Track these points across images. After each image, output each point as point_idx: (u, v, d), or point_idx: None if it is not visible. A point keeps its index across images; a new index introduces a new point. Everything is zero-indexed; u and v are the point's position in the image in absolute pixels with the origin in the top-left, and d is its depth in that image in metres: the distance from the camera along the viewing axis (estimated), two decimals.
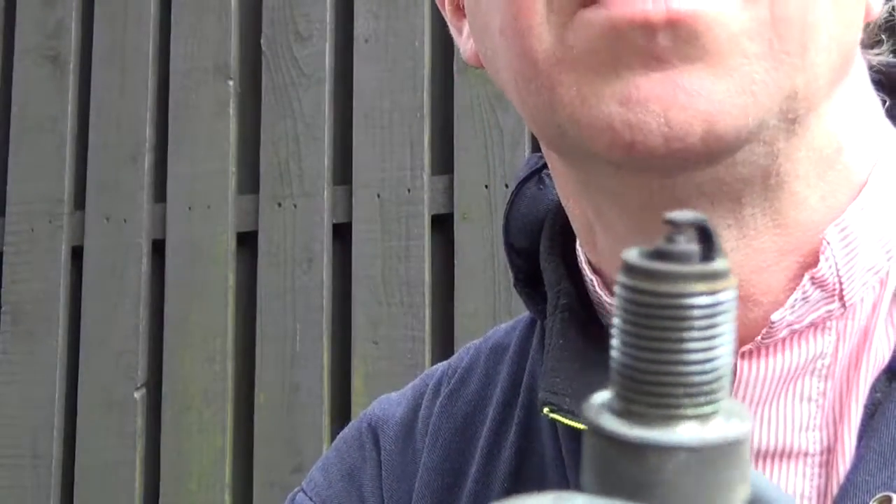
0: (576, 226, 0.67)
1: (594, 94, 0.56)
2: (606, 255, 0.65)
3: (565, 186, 0.66)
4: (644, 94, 0.55)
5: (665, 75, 0.55)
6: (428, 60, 2.18)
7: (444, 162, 2.16)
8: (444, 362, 0.80)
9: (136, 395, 2.24)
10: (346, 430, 0.81)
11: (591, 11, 0.56)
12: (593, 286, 0.66)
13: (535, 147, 2.18)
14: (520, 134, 2.11)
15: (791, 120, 0.58)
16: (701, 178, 0.58)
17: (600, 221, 0.64)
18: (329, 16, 2.24)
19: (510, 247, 0.72)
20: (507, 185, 2.09)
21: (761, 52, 0.56)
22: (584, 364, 0.64)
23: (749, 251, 0.61)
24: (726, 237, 0.60)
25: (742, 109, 0.55)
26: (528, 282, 0.71)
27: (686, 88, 0.55)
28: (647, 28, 0.55)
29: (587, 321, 0.66)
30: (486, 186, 2.10)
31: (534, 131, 0.63)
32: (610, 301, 0.65)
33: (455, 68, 2.15)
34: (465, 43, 0.69)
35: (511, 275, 0.73)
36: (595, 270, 0.66)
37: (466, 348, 0.80)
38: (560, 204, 0.71)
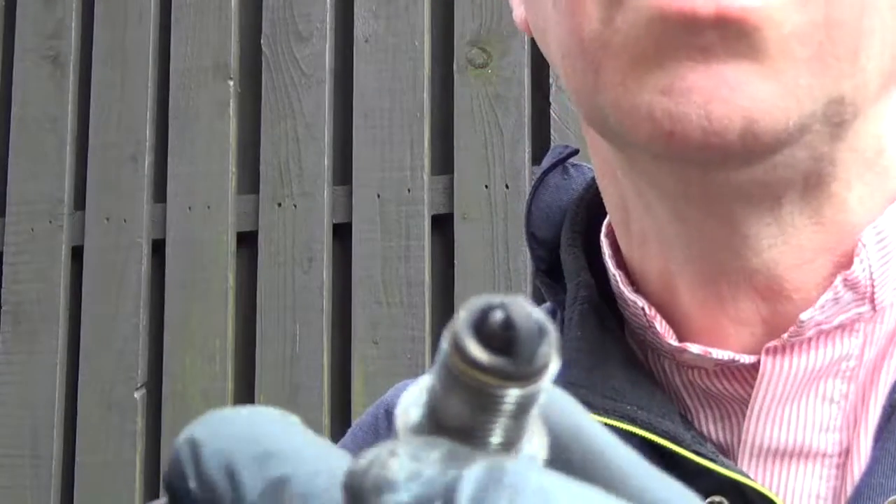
0: (609, 206, 0.66)
1: (637, 81, 0.56)
2: (638, 238, 0.65)
3: (603, 165, 0.65)
4: (688, 84, 0.54)
5: (710, 67, 0.54)
6: (428, 60, 2.18)
7: (444, 162, 2.16)
8: None
9: (136, 395, 2.24)
10: (363, 415, 0.81)
11: (634, 2, 0.55)
12: (616, 281, 0.65)
13: (535, 147, 2.18)
14: (520, 134, 2.11)
15: (836, 124, 0.57)
16: (739, 178, 0.58)
17: (640, 201, 0.63)
18: (329, 16, 2.24)
19: (532, 236, 0.70)
20: (507, 186, 2.10)
21: (810, 56, 0.55)
22: (602, 356, 0.64)
23: (786, 248, 0.60)
24: (765, 234, 0.60)
25: (784, 112, 0.55)
26: (549, 272, 0.70)
27: (730, 82, 0.54)
28: (695, 23, 0.54)
29: (606, 314, 0.66)
30: (486, 186, 2.10)
31: (576, 109, 0.62)
32: (633, 298, 0.64)
33: (455, 68, 2.15)
34: (517, 6, 0.68)
35: (532, 266, 0.72)
36: (618, 265, 0.66)
37: None
38: (582, 196, 0.70)
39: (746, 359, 0.61)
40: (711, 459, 0.59)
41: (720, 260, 0.61)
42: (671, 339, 0.63)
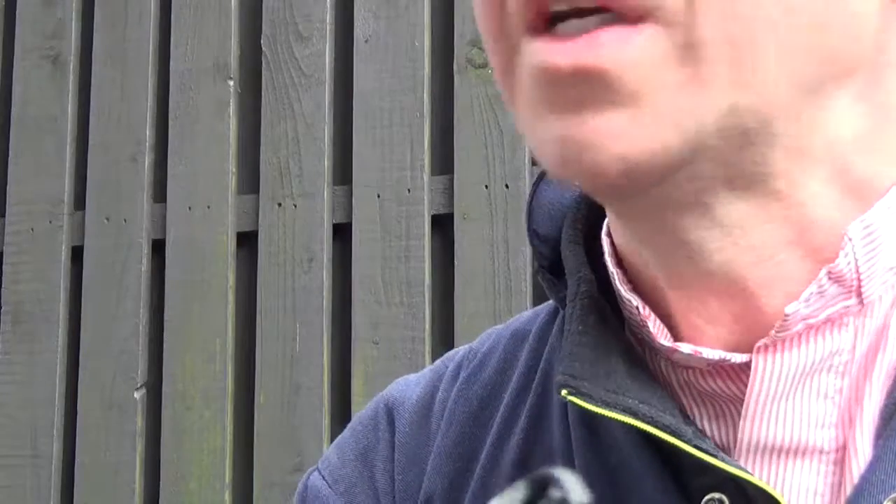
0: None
1: (535, 129, 0.59)
2: (621, 242, 0.66)
3: None
4: (564, 135, 0.57)
5: (582, 118, 0.56)
6: (428, 60, 2.18)
7: (444, 162, 2.17)
8: (466, 346, 0.80)
9: (136, 395, 2.24)
10: (363, 410, 0.81)
11: (524, 50, 0.58)
12: (614, 279, 0.65)
13: None
14: (520, 134, 2.11)
15: (742, 133, 0.57)
16: (652, 199, 0.59)
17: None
18: (329, 16, 2.24)
19: (534, 233, 0.71)
20: (507, 186, 2.10)
21: (682, 80, 0.55)
22: (603, 351, 0.64)
23: (738, 249, 0.60)
24: (710, 239, 0.60)
25: (661, 144, 0.56)
26: (551, 269, 0.71)
27: (601, 131, 0.56)
28: (559, 78, 0.56)
29: (606, 310, 0.66)
30: (486, 186, 2.11)
31: None
32: (628, 297, 0.64)
33: (455, 68, 2.15)
34: None
35: (532, 265, 0.73)
36: (618, 263, 0.66)
37: (488, 333, 0.79)
38: (583, 192, 0.70)
39: (738, 358, 0.61)
40: (713, 455, 0.59)
41: (678, 268, 0.62)
42: (663, 339, 0.63)
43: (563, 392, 0.62)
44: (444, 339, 2.10)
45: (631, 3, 0.55)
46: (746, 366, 0.61)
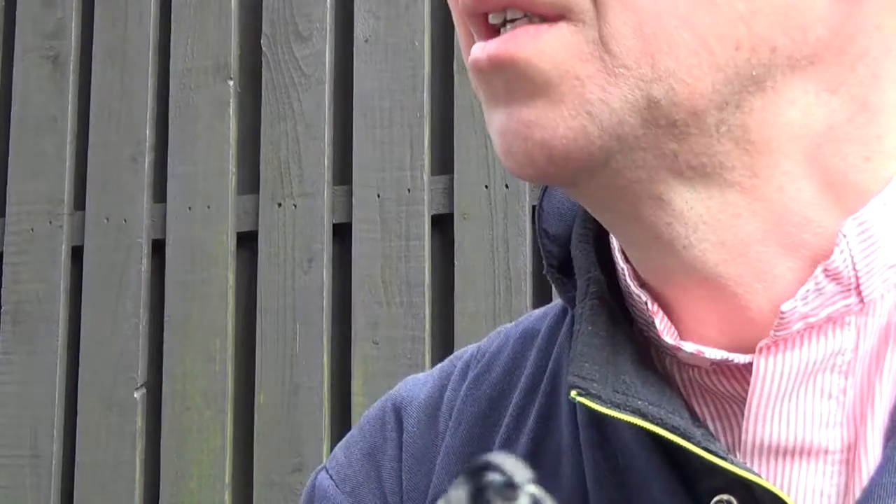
0: None
1: (487, 124, 0.62)
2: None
3: None
4: (496, 126, 0.60)
5: (508, 111, 0.59)
6: (428, 60, 2.18)
7: (444, 162, 2.17)
8: (474, 345, 0.80)
9: (136, 395, 2.24)
10: (371, 408, 0.81)
11: (474, 48, 0.61)
12: (624, 275, 0.65)
13: None
14: None
15: (671, 124, 0.57)
16: (598, 187, 0.60)
17: None
18: (329, 16, 2.24)
19: (543, 232, 0.71)
20: (507, 186, 2.10)
21: (594, 72, 0.57)
22: (613, 351, 0.64)
23: (707, 245, 0.60)
24: (675, 235, 0.60)
25: (579, 131, 0.58)
26: (561, 268, 0.71)
27: (524, 121, 0.58)
28: (482, 71, 0.60)
29: (616, 309, 0.66)
30: (486, 186, 2.11)
31: None
32: (638, 292, 0.64)
33: (455, 68, 2.16)
34: None
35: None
36: (627, 260, 0.66)
37: (497, 332, 0.79)
38: None
39: (740, 358, 0.61)
40: (722, 457, 0.59)
41: (658, 266, 0.63)
42: (667, 336, 0.63)
43: (573, 393, 0.62)
44: (444, 339, 2.10)
45: (542, 5, 0.58)
46: (749, 365, 0.61)
